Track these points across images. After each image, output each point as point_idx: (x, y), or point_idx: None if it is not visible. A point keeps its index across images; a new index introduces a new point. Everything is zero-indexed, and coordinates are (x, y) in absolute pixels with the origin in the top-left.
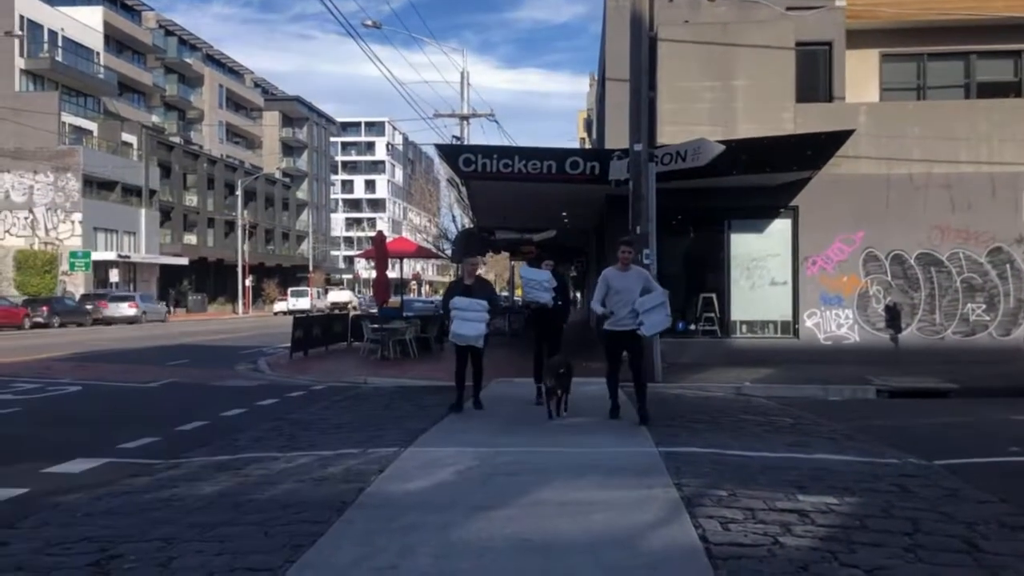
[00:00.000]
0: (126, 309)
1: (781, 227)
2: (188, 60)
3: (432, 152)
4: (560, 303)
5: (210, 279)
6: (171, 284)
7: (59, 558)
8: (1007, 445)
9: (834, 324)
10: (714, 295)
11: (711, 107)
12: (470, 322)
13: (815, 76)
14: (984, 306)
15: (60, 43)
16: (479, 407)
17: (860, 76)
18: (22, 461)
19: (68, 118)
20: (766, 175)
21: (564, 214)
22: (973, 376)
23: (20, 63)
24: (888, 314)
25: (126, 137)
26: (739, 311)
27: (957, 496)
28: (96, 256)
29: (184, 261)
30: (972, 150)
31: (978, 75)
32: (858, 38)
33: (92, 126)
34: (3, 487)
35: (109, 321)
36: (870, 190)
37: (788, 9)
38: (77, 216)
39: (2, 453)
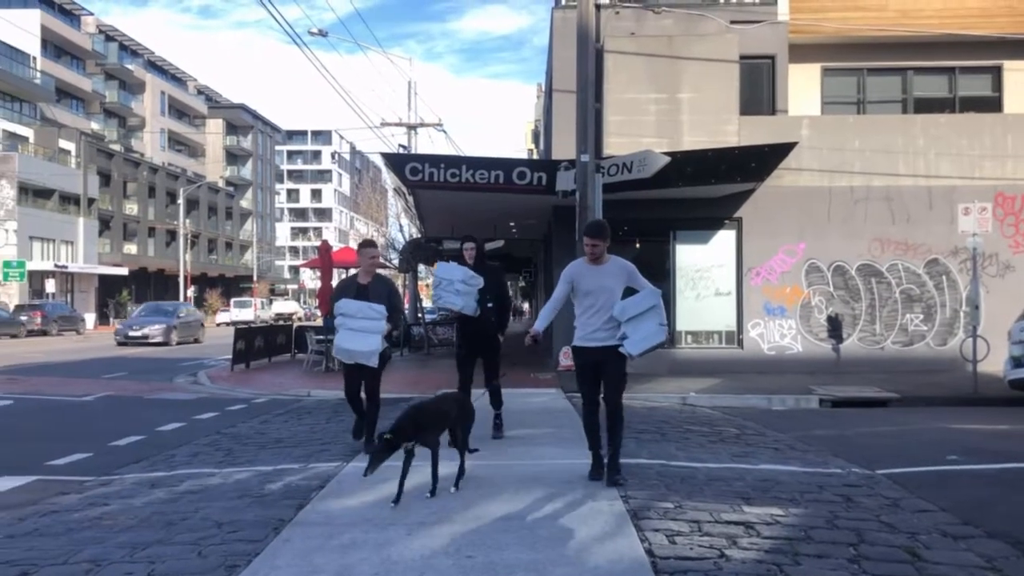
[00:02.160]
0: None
1: (725, 238)
2: (129, 66)
3: (379, 161)
4: (491, 306)
5: (150, 289)
6: (110, 294)
7: None
8: (946, 453)
9: (777, 334)
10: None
11: (657, 119)
12: (360, 333)
13: (759, 89)
14: (922, 316)
15: None
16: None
17: (802, 90)
18: None
19: (3, 124)
20: (711, 187)
21: (512, 224)
22: (912, 385)
23: None
24: (830, 324)
25: (64, 144)
26: (684, 321)
27: (899, 506)
28: (31, 266)
29: (124, 271)
30: (910, 164)
31: (915, 91)
32: (800, 52)
33: (28, 132)
34: None
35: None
36: (812, 202)
37: (732, 23)
38: (12, 224)
39: None
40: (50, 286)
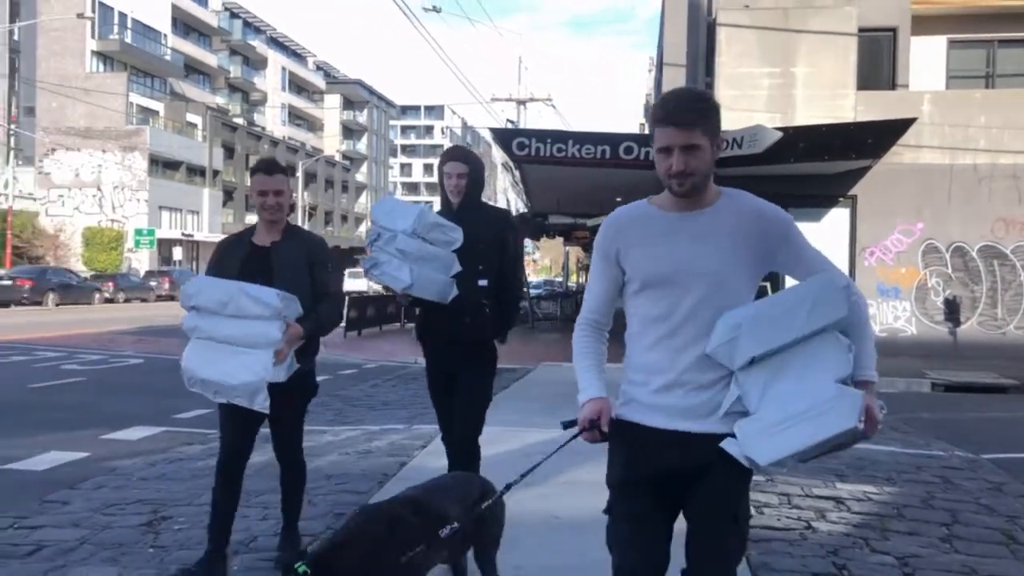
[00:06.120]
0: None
1: (838, 216)
2: (252, 42)
3: (489, 136)
4: (482, 285)
5: None
6: None
7: (114, 517)
8: None
9: (891, 316)
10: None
11: (769, 94)
12: (227, 348)
13: (878, 63)
14: None
15: (129, 25)
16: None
17: (926, 63)
18: (84, 428)
19: (136, 98)
20: (824, 163)
21: (619, 200)
22: None
23: (92, 44)
24: (947, 307)
25: (191, 118)
26: None
27: (1001, 490)
28: (160, 234)
29: None
30: None
31: None
32: (924, 24)
33: (159, 107)
34: (66, 451)
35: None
36: (932, 180)
37: None
38: (143, 195)
39: (66, 420)
40: (177, 253)
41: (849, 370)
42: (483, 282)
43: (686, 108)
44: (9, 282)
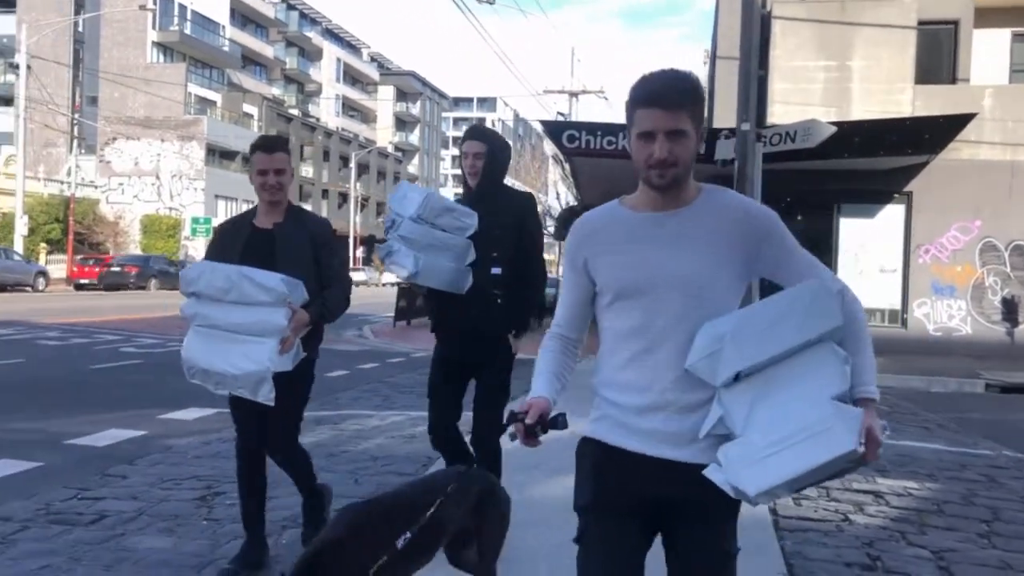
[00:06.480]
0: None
1: (893, 213)
2: (308, 34)
3: (540, 129)
4: (496, 273)
5: None
6: None
7: (170, 491)
8: None
9: (945, 315)
10: None
11: (825, 87)
12: (229, 336)
13: (938, 56)
14: None
15: (189, 16)
16: None
17: (988, 57)
18: (142, 407)
19: (194, 89)
20: (879, 159)
21: None
22: None
23: (152, 35)
24: (1005, 307)
25: (247, 108)
26: None
27: None
28: (216, 223)
29: None
30: None
31: None
32: (988, 16)
33: (216, 97)
34: (125, 429)
35: None
36: (992, 177)
37: None
38: (200, 183)
39: (125, 399)
40: None
41: (846, 386)
42: (496, 270)
43: (673, 88)
44: (119, 268)
